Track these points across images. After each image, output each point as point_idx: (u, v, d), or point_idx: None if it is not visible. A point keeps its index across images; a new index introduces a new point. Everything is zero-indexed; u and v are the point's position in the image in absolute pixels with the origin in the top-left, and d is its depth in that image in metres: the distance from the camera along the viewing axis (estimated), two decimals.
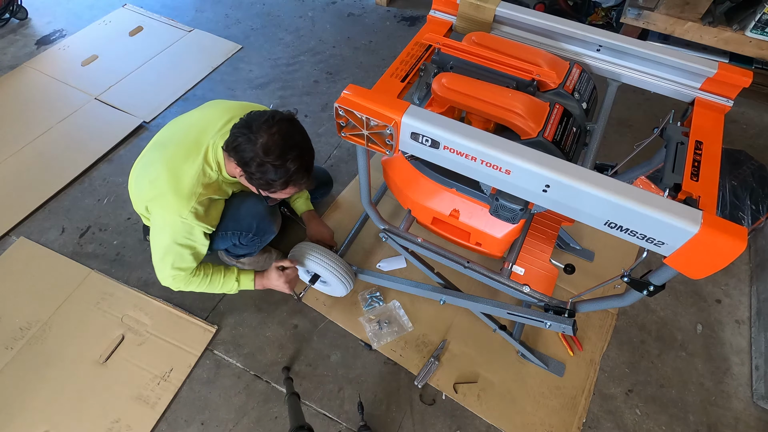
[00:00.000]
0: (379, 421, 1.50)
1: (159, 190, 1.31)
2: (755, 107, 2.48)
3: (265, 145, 1.20)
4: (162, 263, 1.40)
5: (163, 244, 1.36)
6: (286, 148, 1.22)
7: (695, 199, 0.89)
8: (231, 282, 1.51)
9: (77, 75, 2.50)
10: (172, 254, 1.37)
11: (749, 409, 1.55)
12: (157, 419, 1.48)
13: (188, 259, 1.39)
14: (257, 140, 1.20)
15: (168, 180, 1.30)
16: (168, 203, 1.30)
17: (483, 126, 1.14)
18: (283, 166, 1.22)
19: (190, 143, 1.34)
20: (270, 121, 1.22)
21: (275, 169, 1.22)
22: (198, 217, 1.32)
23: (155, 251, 1.40)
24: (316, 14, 2.99)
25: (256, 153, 1.20)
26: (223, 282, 1.50)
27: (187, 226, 1.32)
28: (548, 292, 1.33)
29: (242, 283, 1.53)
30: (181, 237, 1.34)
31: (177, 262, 1.39)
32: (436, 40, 1.14)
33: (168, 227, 1.33)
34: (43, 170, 2.09)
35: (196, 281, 1.46)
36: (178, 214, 1.29)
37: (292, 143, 1.24)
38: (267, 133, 1.20)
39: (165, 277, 1.43)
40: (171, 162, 1.32)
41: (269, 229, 1.57)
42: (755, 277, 1.83)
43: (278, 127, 1.22)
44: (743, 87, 1.07)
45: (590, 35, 1.17)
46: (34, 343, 1.61)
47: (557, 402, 1.54)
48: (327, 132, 2.30)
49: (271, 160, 1.21)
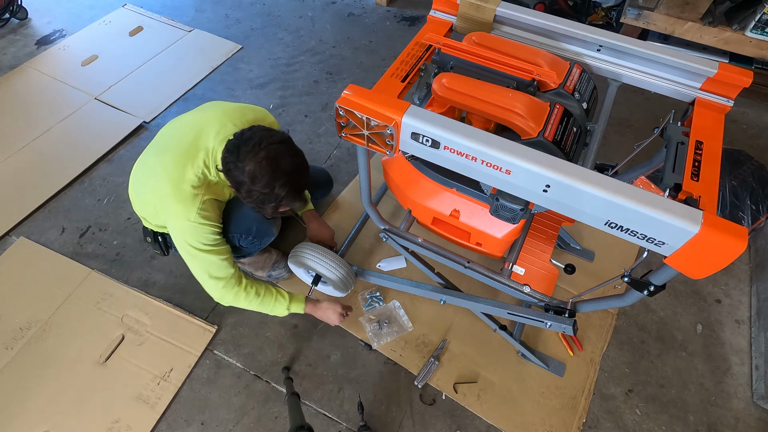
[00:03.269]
0: (379, 421, 1.50)
1: (163, 200, 1.31)
2: (755, 107, 2.48)
3: (252, 173, 1.17)
4: (198, 273, 1.39)
5: (188, 251, 1.34)
6: (274, 176, 1.18)
7: (696, 199, 0.89)
8: (282, 306, 1.50)
9: (77, 75, 2.50)
10: (200, 261, 1.36)
11: (749, 409, 1.55)
12: (157, 419, 1.48)
13: (220, 264, 1.38)
14: (244, 168, 1.18)
15: (169, 189, 1.29)
16: (175, 211, 1.30)
17: (483, 126, 1.14)
18: (271, 193, 1.20)
19: (187, 147, 1.33)
20: (257, 147, 1.18)
21: (264, 195, 1.21)
22: (206, 217, 1.31)
23: (189, 265, 1.39)
24: (316, 14, 2.99)
25: (243, 180, 1.19)
26: (274, 304, 1.49)
27: (198, 229, 1.31)
28: (548, 292, 1.33)
29: (293, 308, 1.52)
30: (197, 242, 1.32)
31: (212, 270, 1.38)
32: (437, 40, 1.14)
33: (183, 233, 1.32)
34: (43, 170, 2.09)
35: (249, 297, 1.44)
36: (186, 218, 1.29)
37: (281, 170, 1.19)
38: (254, 161, 1.17)
39: (210, 288, 1.41)
40: (170, 168, 1.31)
41: (269, 232, 1.57)
42: (755, 277, 1.83)
43: (266, 152, 1.18)
44: (743, 87, 1.07)
45: (590, 35, 1.17)
46: (34, 343, 1.61)
47: (557, 402, 1.54)
48: (327, 132, 2.30)
49: (258, 188, 1.19)
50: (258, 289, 1.47)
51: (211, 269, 1.38)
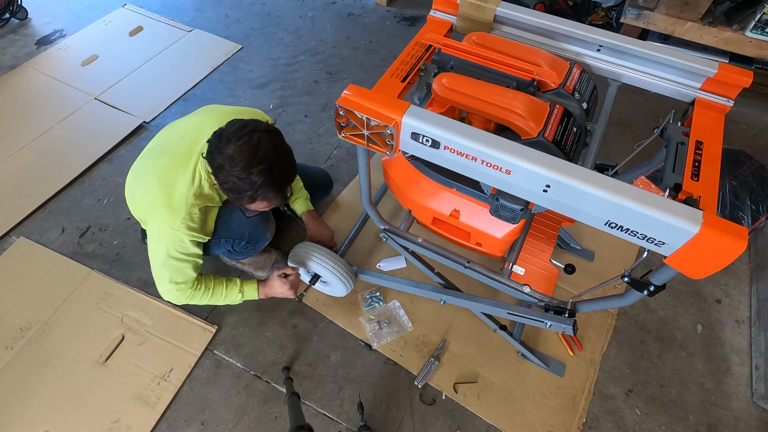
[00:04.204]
0: (379, 421, 1.50)
1: (151, 202, 1.31)
2: (755, 107, 2.48)
3: (231, 156, 1.17)
4: (160, 276, 1.39)
5: (160, 258, 1.34)
6: (252, 161, 1.17)
7: (696, 199, 0.89)
8: (234, 294, 1.50)
9: (77, 75, 2.50)
10: (168, 268, 1.36)
11: (749, 409, 1.55)
12: (157, 419, 1.48)
13: (185, 272, 1.38)
14: (224, 150, 1.17)
15: (159, 192, 1.29)
16: (160, 215, 1.29)
17: (483, 126, 1.14)
18: (248, 178, 1.18)
19: (182, 152, 1.33)
20: (241, 131, 1.18)
21: (240, 180, 1.19)
22: (190, 228, 1.31)
23: (153, 263, 1.38)
24: (316, 14, 2.99)
25: (222, 162, 1.18)
26: (225, 294, 1.49)
27: (179, 238, 1.31)
28: (548, 292, 1.33)
29: (246, 293, 1.52)
30: (174, 250, 1.32)
31: (174, 276, 1.38)
32: (437, 40, 1.14)
33: (162, 240, 1.32)
34: (43, 170, 2.09)
35: (198, 294, 1.45)
36: (169, 225, 1.29)
37: (261, 156, 1.18)
38: (235, 144, 1.17)
39: (165, 291, 1.42)
40: (163, 173, 1.31)
41: (262, 237, 1.57)
42: (755, 277, 1.83)
43: (248, 138, 1.18)
44: (743, 87, 1.07)
45: (590, 35, 1.17)
46: (34, 343, 1.61)
47: (557, 402, 1.54)
48: (327, 132, 2.30)
49: (235, 171, 1.17)
50: (207, 283, 1.47)
51: (174, 275, 1.37)
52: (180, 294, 1.42)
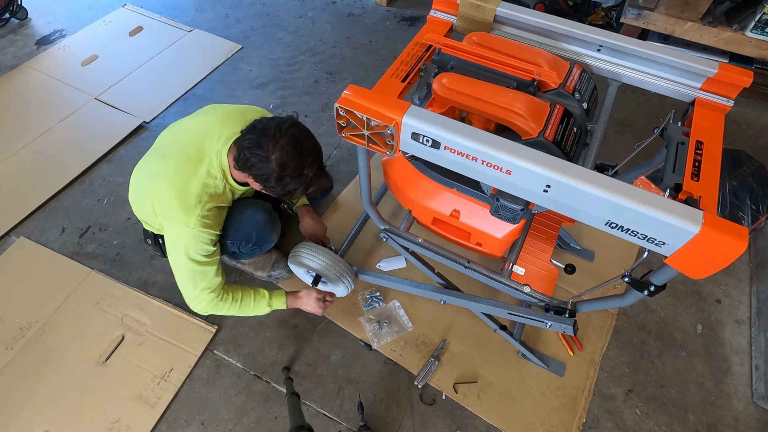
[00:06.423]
0: (379, 421, 1.50)
1: (164, 204, 1.30)
2: (755, 107, 2.48)
3: (280, 160, 1.20)
4: (184, 283, 1.38)
5: (180, 260, 1.33)
6: (301, 158, 1.22)
7: (696, 199, 0.89)
8: (263, 305, 1.50)
9: (77, 75, 2.50)
10: (190, 271, 1.35)
11: (749, 409, 1.55)
12: (157, 419, 1.48)
13: (208, 276, 1.37)
14: (270, 157, 1.20)
15: (172, 194, 1.28)
16: (175, 216, 1.29)
17: (483, 126, 1.14)
18: (301, 175, 1.24)
19: (191, 154, 1.32)
20: (277, 134, 1.21)
21: (295, 180, 1.24)
22: (206, 225, 1.31)
23: (175, 270, 1.37)
24: (316, 14, 2.99)
25: (272, 170, 1.21)
26: (254, 305, 1.49)
27: (196, 236, 1.30)
28: (549, 292, 1.33)
29: (274, 305, 1.52)
30: (193, 251, 1.31)
31: (199, 281, 1.36)
32: (437, 40, 1.14)
33: (180, 241, 1.31)
34: (43, 170, 2.09)
35: (226, 306, 1.43)
36: (185, 224, 1.29)
37: (305, 150, 1.24)
38: (278, 148, 1.20)
39: (191, 299, 1.40)
40: (174, 174, 1.30)
41: (269, 239, 1.57)
42: (755, 277, 1.83)
43: (287, 138, 1.21)
44: (744, 87, 1.07)
45: (590, 35, 1.17)
46: (34, 343, 1.61)
47: (557, 402, 1.54)
48: (327, 132, 2.30)
49: (289, 173, 1.22)
50: (235, 293, 1.45)
51: (199, 280, 1.36)
52: (207, 304, 1.40)
